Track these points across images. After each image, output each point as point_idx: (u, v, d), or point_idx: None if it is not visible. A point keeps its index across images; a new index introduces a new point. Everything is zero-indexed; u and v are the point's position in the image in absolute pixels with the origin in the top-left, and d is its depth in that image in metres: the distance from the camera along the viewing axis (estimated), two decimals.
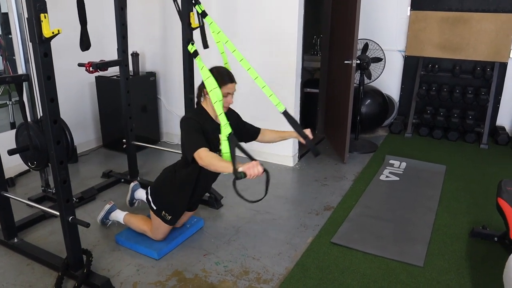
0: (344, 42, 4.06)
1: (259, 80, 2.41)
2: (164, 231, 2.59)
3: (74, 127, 3.37)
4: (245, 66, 2.41)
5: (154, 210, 2.51)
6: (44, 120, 2.03)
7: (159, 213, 2.50)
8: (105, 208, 2.85)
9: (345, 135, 4.02)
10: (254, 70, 2.42)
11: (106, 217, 2.85)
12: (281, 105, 2.46)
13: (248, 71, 2.41)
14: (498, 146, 4.66)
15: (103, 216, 2.85)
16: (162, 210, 2.50)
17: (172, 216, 2.52)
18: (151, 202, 2.52)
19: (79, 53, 2.69)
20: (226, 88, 2.27)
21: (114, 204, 2.88)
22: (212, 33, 2.50)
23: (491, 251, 2.63)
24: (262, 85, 2.41)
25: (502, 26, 4.61)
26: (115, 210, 2.86)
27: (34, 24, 1.83)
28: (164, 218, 2.51)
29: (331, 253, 2.61)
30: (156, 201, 2.51)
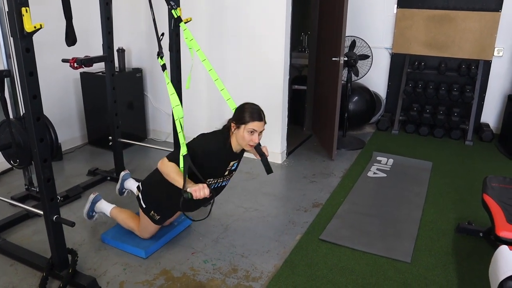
0: (331, 39, 4.06)
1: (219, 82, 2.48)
2: (151, 230, 2.56)
3: (58, 124, 3.30)
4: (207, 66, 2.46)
5: (143, 209, 2.48)
6: (27, 117, 1.98)
7: (148, 212, 2.47)
8: (90, 199, 2.75)
9: (333, 132, 4.03)
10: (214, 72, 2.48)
11: (92, 208, 2.74)
12: None
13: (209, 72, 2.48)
14: (483, 142, 4.73)
15: (88, 208, 2.73)
16: (151, 210, 2.47)
17: (161, 217, 2.49)
18: (141, 200, 2.49)
19: (63, 48, 2.64)
20: (252, 125, 2.23)
21: (98, 194, 2.80)
22: (185, 39, 2.50)
23: (476, 247, 2.67)
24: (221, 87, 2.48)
25: (486, 25, 4.66)
26: (100, 200, 2.77)
27: (15, 18, 1.78)
28: (152, 217, 2.47)
29: (319, 250, 2.61)
30: (146, 200, 2.47)
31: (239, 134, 2.25)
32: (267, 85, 3.88)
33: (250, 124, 2.22)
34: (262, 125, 2.28)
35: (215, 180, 2.38)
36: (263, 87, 3.91)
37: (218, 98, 4.17)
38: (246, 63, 3.92)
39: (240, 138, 2.26)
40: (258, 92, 3.95)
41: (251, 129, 2.23)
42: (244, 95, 4.01)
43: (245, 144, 2.27)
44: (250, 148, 2.30)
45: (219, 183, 2.43)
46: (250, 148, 2.30)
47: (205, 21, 3.99)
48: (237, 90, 4.03)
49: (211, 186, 2.37)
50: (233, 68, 4.00)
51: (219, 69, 4.05)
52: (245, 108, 2.27)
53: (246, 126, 2.22)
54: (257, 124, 2.24)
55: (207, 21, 3.99)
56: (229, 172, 2.44)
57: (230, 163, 2.39)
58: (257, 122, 2.24)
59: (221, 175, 2.40)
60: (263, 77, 3.88)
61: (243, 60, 3.93)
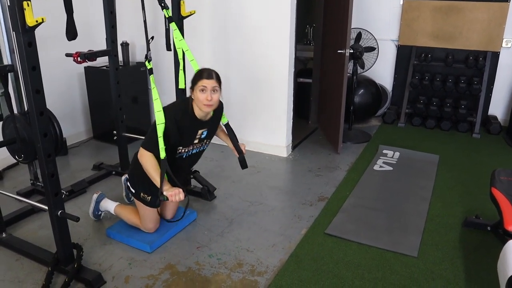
0: (337, 31, 4.02)
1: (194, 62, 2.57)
2: (151, 217, 2.55)
3: (63, 119, 3.30)
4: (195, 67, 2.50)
5: (134, 194, 2.51)
6: (30, 112, 1.97)
7: (139, 195, 2.49)
8: (94, 199, 2.79)
9: (338, 125, 4.00)
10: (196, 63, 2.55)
11: (97, 208, 2.80)
12: (224, 117, 2.63)
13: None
14: (490, 135, 4.67)
15: (93, 208, 2.80)
16: (140, 192, 2.49)
17: (151, 196, 2.48)
18: (130, 187, 2.53)
19: (67, 43, 2.62)
20: (202, 82, 2.28)
21: (101, 192, 2.84)
22: (174, 39, 2.60)
23: (484, 241, 2.64)
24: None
25: (495, 15, 4.59)
26: (104, 198, 2.81)
27: (17, 13, 1.76)
28: (144, 200, 2.48)
29: (325, 244, 2.60)
30: (133, 184, 2.51)
31: (196, 96, 2.30)
32: (272, 78, 3.85)
33: (200, 82, 2.28)
34: (213, 82, 2.30)
35: (185, 149, 2.42)
36: (267, 80, 3.88)
37: (223, 96, 4.16)
38: (251, 55, 3.89)
39: (197, 100, 2.30)
40: (262, 85, 3.92)
41: (201, 86, 2.27)
42: (249, 88, 4.00)
43: (201, 105, 2.30)
44: (207, 108, 2.31)
45: (190, 151, 2.46)
46: (208, 108, 2.31)
47: (208, 13, 3.95)
48: (241, 83, 4.02)
49: (182, 154, 2.42)
50: (237, 61, 3.97)
51: (223, 62, 4.03)
52: (197, 72, 2.35)
53: (197, 85, 2.28)
54: (206, 81, 2.28)
55: (210, 14, 3.95)
56: (199, 141, 2.47)
57: (198, 132, 2.42)
58: (206, 79, 2.28)
59: (191, 143, 2.43)
60: (267, 70, 3.85)
61: (248, 53, 3.89)
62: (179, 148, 2.38)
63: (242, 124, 4.16)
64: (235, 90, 4.08)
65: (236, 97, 4.11)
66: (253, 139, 4.14)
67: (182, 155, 2.43)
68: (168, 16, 2.61)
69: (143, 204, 2.51)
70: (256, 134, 4.12)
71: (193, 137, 2.42)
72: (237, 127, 4.15)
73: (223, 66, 4.06)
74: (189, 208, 2.96)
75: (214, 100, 2.31)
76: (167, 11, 2.60)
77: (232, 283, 2.24)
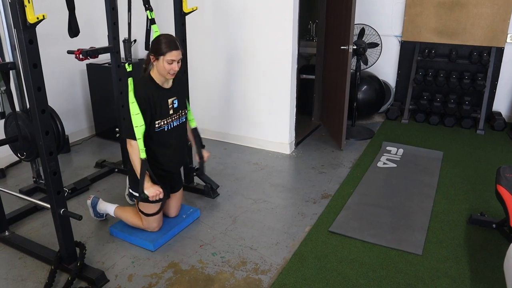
0: (340, 27, 3.98)
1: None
2: (155, 217, 2.53)
3: (65, 116, 3.29)
4: None
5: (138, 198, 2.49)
6: (32, 110, 1.96)
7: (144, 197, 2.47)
8: (88, 205, 2.78)
9: (342, 121, 3.98)
10: None
11: (96, 212, 2.77)
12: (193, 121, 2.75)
13: None
14: (495, 131, 4.64)
15: (93, 213, 2.78)
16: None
17: None
18: (132, 193, 2.55)
19: (69, 40, 2.61)
20: (170, 55, 2.30)
21: (94, 196, 2.79)
22: None
23: (489, 238, 2.61)
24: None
25: (499, 11, 4.54)
26: (99, 201, 2.77)
27: (18, 9, 1.74)
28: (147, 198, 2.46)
29: (329, 242, 2.58)
30: (134, 187, 2.51)
31: (159, 65, 2.33)
32: (275, 74, 3.82)
33: (168, 55, 2.29)
34: (180, 54, 2.34)
35: (164, 121, 2.44)
36: (270, 76, 3.86)
37: (225, 93, 4.14)
38: (253, 52, 3.86)
39: (161, 68, 2.33)
40: (265, 82, 3.90)
41: (169, 60, 2.30)
42: (251, 84, 3.98)
43: (165, 73, 2.34)
44: (171, 77, 2.37)
45: (170, 124, 2.48)
46: (171, 76, 2.38)
47: (210, 10, 3.93)
48: (243, 79, 4.00)
49: (163, 128, 2.44)
50: (239, 57, 3.95)
51: (225, 58, 4.01)
52: (161, 40, 2.33)
53: (165, 57, 2.29)
54: (175, 53, 2.31)
55: (212, 10, 3.93)
56: (174, 111, 2.49)
57: (168, 101, 2.45)
58: (175, 51, 2.31)
59: (167, 115, 2.45)
60: (270, 67, 3.83)
61: (250, 49, 3.87)
62: (158, 122, 2.40)
63: (244, 121, 4.14)
64: (238, 87, 4.06)
65: (239, 94, 4.09)
66: (255, 136, 4.12)
67: (164, 128, 2.44)
68: (151, 17, 2.67)
69: (150, 203, 2.48)
70: (258, 131, 4.10)
71: (166, 107, 2.44)
72: (240, 124, 4.17)
73: (225, 63, 4.04)
74: (192, 206, 2.95)
75: (178, 69, 2.37)
76: (150, 13, 2.66)
77: (235, 281, 2.23)
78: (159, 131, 2.42)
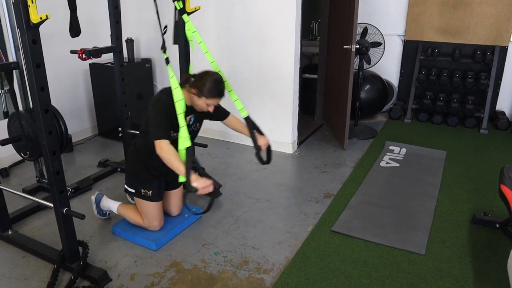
0: (343, 26, 3.98)
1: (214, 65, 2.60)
2: (155, 214, 2.54)
3: (68, 116, 3.30)
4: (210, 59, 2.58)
5: (134, 194, 2.51)
6: (35, 109, 1.96)
7: (140, 194, 2.50)
8: (92, 201, 2.79)
9: (344, 121, 3.97)
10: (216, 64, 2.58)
11: (99, 209, 2.78)
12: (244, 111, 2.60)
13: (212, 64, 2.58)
14: (498, 131, 4.62)
15: (96, 209, 2.79)
16: (140, 189, 2.49)
17: (153, 190, 2.49)
18: (128, 189, 2.55)
19: (72, 40, 2.61)
20: (212, 101, 2.33)
21: (98, 192, 2.81)
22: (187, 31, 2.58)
23: (493, 238, 2.60)
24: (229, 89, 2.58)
25: (503, 9, 4.52)
26: (103, 197, 2.78)
27: (21, 9, 1.75)
28: (146, 196, 2.49)
29: (331, 241, 2.58)
30: (131, 184, 2.52)
31: (197, 101, 2.33)
32: (277, 74, 3.82)
33: (210, 100, 2.31)
34: (220, 100, 2.37)
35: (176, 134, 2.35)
36: (273, 76, 3.85)
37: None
38: (256, 51, 3.86)
39: (198, 103, 2.34)
40: (268, 81, 3.90)
41: (210, 103, 2.32)
42: (254, 83, 3.97)
43: (200, 109, 2.37)
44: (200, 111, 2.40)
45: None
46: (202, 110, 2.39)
47: (213, 9, 3.92)
48: (246, 79, 4.00)
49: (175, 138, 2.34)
50: (242, 57, 3.95)
51: (228, 58, 4.01)
52: (208, 82, 2.28)
53: (208, 100, 2.30)
54: (216, 100, 2.34)
55: (215, 10, 3.93)
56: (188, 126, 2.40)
57: (186, 118, 2.39)
58: (217, 98, 2.34)
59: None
60: (273, 66, 3.82)
61: (253, 48, 3.87)
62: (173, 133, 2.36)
63: None
64: (240, 86, 4.05)
65: (241, 93, 4.05)
66: None
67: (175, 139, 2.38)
68: (179, 8, 2.55)
69: (147, 201, 2.50)
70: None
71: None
72: None
73: (227, 62, 4.03)
74: (195, 205, 2.95)
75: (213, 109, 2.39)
76: (178, 3, 2.54)
77: (238, 280, 2.23)
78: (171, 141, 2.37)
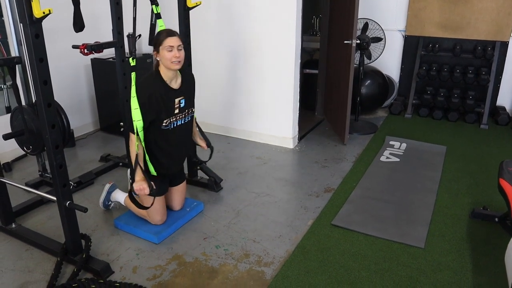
0: (343, 21, 3.98)
1: None
2: (157, 209, 2.56)
3: (70, 111, 3.31)
4: None
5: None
6: (38, 103, 1.98)
7: None
8: (105, 189, 2.83)
9: (345, 116, 3.98)
10: None
11: (108, 198, 2.83)
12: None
13: None
14: (498, 126, 4.63)
15: (104, 198, 2.83)
16: None
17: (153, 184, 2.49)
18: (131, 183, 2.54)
19: (74, 34, 2.62)
20: (167, 42, 2.31)
21: (114, 183, 2.86)
22: None
23: (492, 232, 2.63)
24: None
25: (504, 5, 4.52)
26: (116, 189, 2.84)
27: (24, 4, 1.76)
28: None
29: (332, 235, 2.60)
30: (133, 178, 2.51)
31: (162, 57, 2.34)
32: (278, 69, 3.83)
33: (165, 42, 2.31)
34: (177, 40, 2.34)
35: (168, 121, 2.44)
36: (274, 71, 3.86)
37: (229, 88, 4.15)
38: (257, 46, 3.87)
39: (164, 60, 2.33)
40: (269, 77, 3.91)
41: (167, 46, 2.30)
42: (255, 79, 3.99)
43: (169, 63, 2.33)
44: (176, 66, 2.35)
45: (173, 123, 2.47)
46: (177, 65, 2.36)
47: (214, 5, 3.93)
48: (247, 74, 4.01)
49: (169, 126, 2.44)
50: (243, 52, 3.96)
51: (229, 53, 4.02)
52: (158, 33, 2.39)
53: (163, 45, 2.31)
54: (171, 39, 2.32)
55: (216, 5, 3.93)
56: (180, 110, 2.49)
57: (175, 100, 2.45)
58: (171, 37, 2.32)
59: (172, 114, 2.45)
60: (274, 61, 3.83)
61: (254, 44, 3.88)
62: (165, 120, 2.42)
63: (248, 115, 4.16)
64: (242, 81, 4.07)
65: (242, 88, 4.10)
66: (259, 131, 4.14)
67: (169, 127, 2.45)
68: (156, 12, 2.66)
69: (148, 196, 2.51)
70: (262, 126, 4.12)
71: (172, 107, 2.44)
72: (244, 118, 4.18)
73: (229, 57, 4.05)
74: (196, 199, 2.98)
75: (182, 57, 2.36)
76: (156, 7, 2.65)
77: (238, 273, 2.26)
78: (165, 129, 2.43)
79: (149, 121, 2.36)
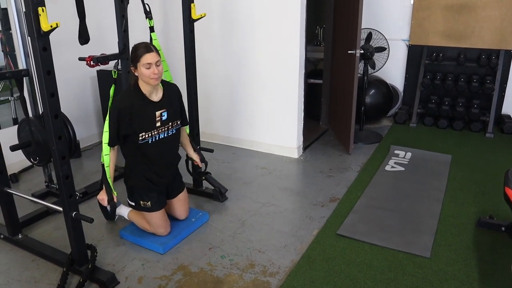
0: (347, 31, 4.01)
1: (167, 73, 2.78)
2: (158, 222, 2.57)
3: (76, 122, 3.35)
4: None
5: (135, 207, 2.58)
6: (45, 115, 2.01)
7: (139, 206, 2.55)
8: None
9: (349, 125, 3.99)
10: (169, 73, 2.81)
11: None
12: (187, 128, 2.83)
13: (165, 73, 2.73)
14: (504, 135, 4.61)
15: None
16: (139, 201, 2.54)
17: (151, 201, 2.53)
18: (129, 202, 2.62)
19: (80, 47, 2.66)
20: (145, 59, 2.29)
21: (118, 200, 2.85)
22: None
23: (498, 241, 2.61)
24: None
25: (507, 13, 4.53)
26: (120, 205, 2.84)
27: (32, 18, 1.80)
28: (145, 207, 2.53)
29: (337, 245, 2.59)
30: (131, 196, 2.59)
31: (141, 74, 2.32)
32: (283, 79, 3.86)
33: (143, 59, 2.29)
34: (155, 56, 2.32)
35: (149, 134, 2.43)
36: (278, 81, 3.89)
37: (234, 98, 4.18)
38: (261, 57, 3.90)
39: (143, 76, 2.32)
40: (273, 87, 3.93)
41: (146, 64, 2.29)
42: (259, 89, 4.01)
43: (149, 79, 2.32)
44: (156, 82, 2.35)
45: (155, 136, 2.46)
46: (156, 81, 2.35)
47: (218, 16, 3.98)
48: (251, 84, 4.04)
49: (147, 140, 2.43)
50: (247, 63, 3.99)
51: (234, 63, 4.05)
52: (134, 48, 2.34)
53: (140, 63, 2.29)
54: (149, 56, 2.29)
55: (220, 16, 3.98)
56: (162, 123, 2.47)
57: (156, 114, 2.43)
58: (148, 54, 2.30)
59: (153, 128, 2.44)
60: (278, 71, 3.86)
61: (258, 54, 3.91)
62: (142, 134, 2.40)
63: (252, 125, 4.17)
64: (246, 92, 4.10)
65: (247, 98, 4.12)
66: (263, 141, 4.15)
67: (148, 141, 2.44)
68: (150, 25, 2.72)
69: (147, 212, 2.54)
70: (266, 136, 4.13)
71: (152, 120, 2.42)
72: (248, 128, 4.20)
73: (233, 68, 4.08)
74: (201, 210, 2.98)
75: (160, 72, 2.36)
76: (150, 21, 2.71)
77: (244, 283, 2.25)
78: (143, 143, 2.43)
79: (116, 135, 2.37)
